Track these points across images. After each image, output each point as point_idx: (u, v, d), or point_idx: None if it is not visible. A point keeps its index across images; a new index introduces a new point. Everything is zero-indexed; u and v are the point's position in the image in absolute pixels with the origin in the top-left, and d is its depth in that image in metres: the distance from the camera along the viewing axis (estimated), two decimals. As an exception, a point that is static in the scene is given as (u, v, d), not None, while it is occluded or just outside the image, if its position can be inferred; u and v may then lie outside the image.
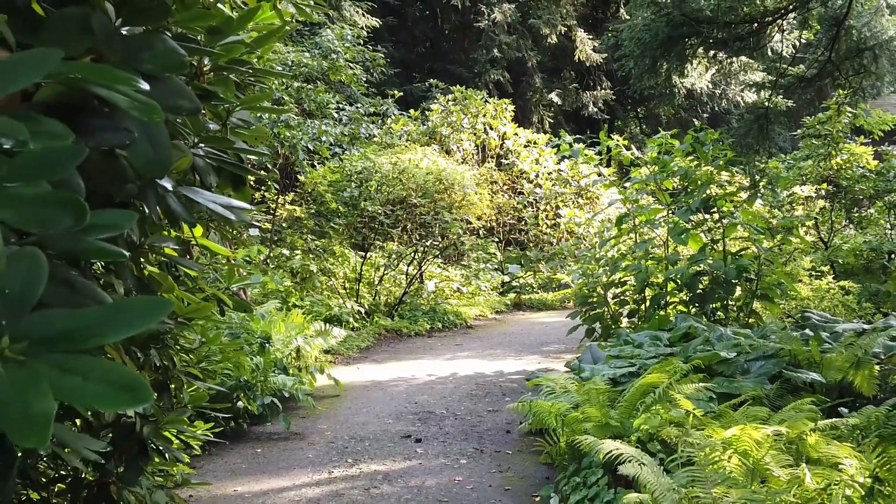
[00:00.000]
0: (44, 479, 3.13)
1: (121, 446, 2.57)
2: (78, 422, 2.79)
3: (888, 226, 12.07)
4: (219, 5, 1.76)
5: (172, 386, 2.80)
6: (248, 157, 2.07)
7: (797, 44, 9.01)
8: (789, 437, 4.38)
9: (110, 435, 2.74)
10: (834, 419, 4.38)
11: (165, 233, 2.22)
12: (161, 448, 3.11)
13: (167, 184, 1.34)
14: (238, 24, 1.57)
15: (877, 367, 5.58)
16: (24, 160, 0.74)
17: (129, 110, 0.95)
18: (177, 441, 4.22)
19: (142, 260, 1.88)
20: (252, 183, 9.85)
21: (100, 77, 0.93)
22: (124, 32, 1.07)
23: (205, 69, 1.63)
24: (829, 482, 3.48)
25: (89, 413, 2.41)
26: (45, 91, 0.93)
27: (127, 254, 1.27)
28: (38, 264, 0.78)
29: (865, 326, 6.67)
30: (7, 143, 0.73)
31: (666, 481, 3.55)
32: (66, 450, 2.05)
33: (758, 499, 3.46)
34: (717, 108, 20.52)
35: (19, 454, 1.92)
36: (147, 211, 1.46)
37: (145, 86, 0.94)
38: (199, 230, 2.44)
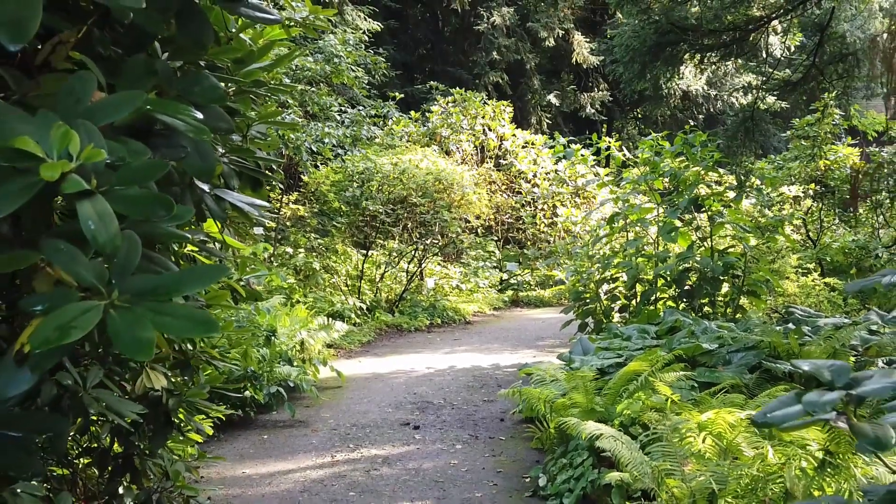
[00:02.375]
0: (72, 454, 3.47)
1: (149, 416, 2.91)
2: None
3: (877, 224, 12.37)
4: (241, 36, 2.10)
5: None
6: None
7: (783, 49, 9.33)
8: (764, 422, 4.71)
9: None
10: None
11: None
12: (181, 422, 3.46)
13: (204, 186, 1.68)
14: (258, 54, 1.92)
15: (852, 359, 5.86)
16: (126, 172, 1.08)
17: (185, 132, 1.29)
18: (191, 423, 4.56)
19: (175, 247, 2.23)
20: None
21: (165, 108, 1.27)
22: (178, 73, 1.42)
23: (230, 91, 1.97)
24: (788, 457, 3.82)
25: (125, 385, 2.74)
26: (124, 118, 1.27)
27: (189, 237, 1.61)
28: (134, 242, 1.12)
29: (846, 321, 6.97)
30: (113, 160, 1.07)
31: (639, 456, 3.89)
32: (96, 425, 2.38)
33: (723, 472, 3.80)
34: (712, 110, 20.88)
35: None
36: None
37: (199, 115, 1.27)
38: (214, 226, 2.78)
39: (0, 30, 0.99)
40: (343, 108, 12.77)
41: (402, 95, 17.03)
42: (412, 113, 16.65)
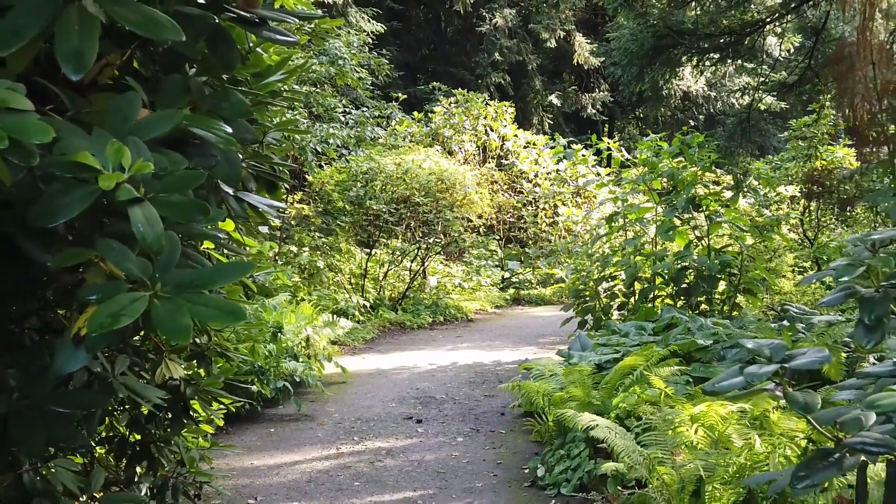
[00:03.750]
0: (92, 443, 3.65)
1: (167, 404, 3.09)
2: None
3: (875, 224, 12.51)
4: (258, 50, 2.28)
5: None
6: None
7: (780, 51, 9.48)
8: (754, 413, 4.89)
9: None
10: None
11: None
12: (196, 412, 3.64)
13: (228, 189, 1.86)
14: (275, 68, 2.10)
15: (844, 355, 6.00)
16: (169, 181, 1.26)
17: (216, 143, 1.47)
18: (205, 413, 4.76)
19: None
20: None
21: (199, 123, 1.45)
22: (207, 89, 1.60)
23: (249, 102, 2.15)
24: (774, 446, 3.99)
25: (144, 375, 2.93)
26: (164, 132, 1.45)
27: (222, 237, 1.80)
28: (174, 242, 1.29)
29: (840, 318, 7.12)
30: (158, 170, 1.25)
31: (632, 444, 4.07)
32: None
33: (712, 460, 3.98)
34: (712, 110, 21.05)
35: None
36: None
37: (228, 129, 1.45)
38: (230, 224, 2.96)
39: (65, 62, 1.17)
40: (347, 110, 12.95)
41: (405, 96, 17.22)
42: (415, 113, 16.83)
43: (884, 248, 1.63)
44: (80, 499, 2.31)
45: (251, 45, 2.27)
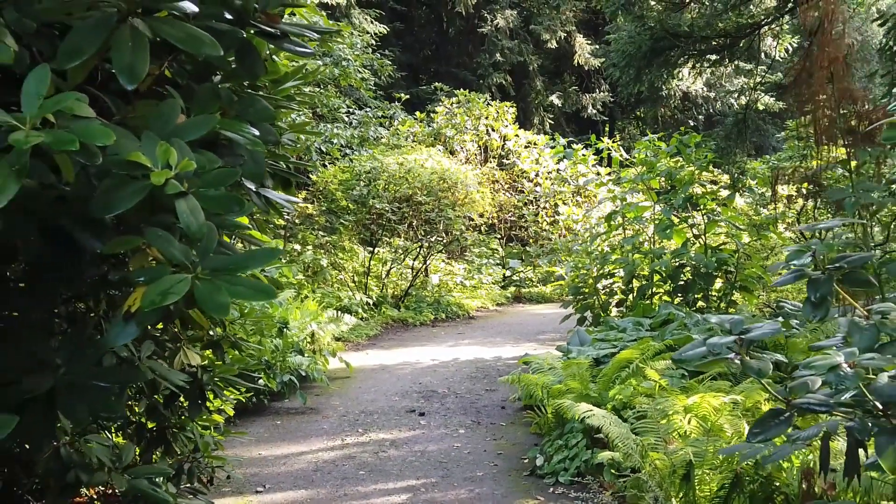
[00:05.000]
0: (112, 429, 3.84)
1: (185, 390, 3.28)
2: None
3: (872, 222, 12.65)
4: (273, 58, 2.47)
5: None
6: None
7: (775, 53, 9.66)
8: (745, 405, 5.07)
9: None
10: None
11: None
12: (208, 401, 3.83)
13: (251, 185, 2.05)
14: (291, 75, 2.29)
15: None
16: (209, 177, 1.44)
17: (244, 145, 1.66)
18: (217, 401, 4.95)
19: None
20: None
21: (230, 126, 1.64)
22: (235, 97, 1.80)
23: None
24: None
25: (162, 362, 3.12)
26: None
27: (250, 227, 1.99)
28: (212, 230, 1.48)
29: (833, 315, 7.28)
30: (198, 168, 1.44)
31: (626, 431, 4.25)
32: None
33: (703, 447, 4.17)
34: (711, 110, 21.24)
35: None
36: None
37: (255, 131, 1.64)
38: (245, 219, 3.15)
39: (121, 74, 1.35)
40: (351, 110, 13.14)
41: (408, 96, 17.41)
42: (417, 113, 17.03)
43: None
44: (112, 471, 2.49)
45: (269, 51, 2.47)
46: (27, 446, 2.09)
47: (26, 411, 1.70)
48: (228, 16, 1.76)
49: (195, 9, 1.52)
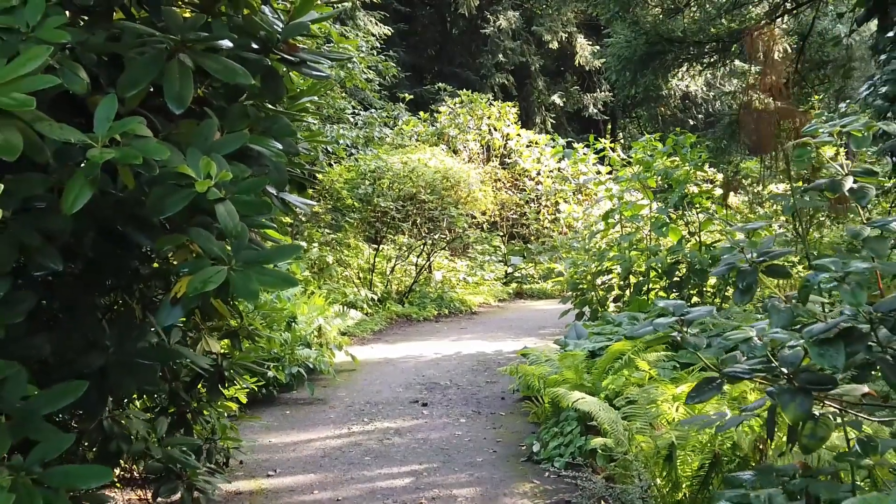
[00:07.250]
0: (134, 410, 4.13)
1: (207, 375, 3.59)
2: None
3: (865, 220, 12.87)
4: (290, 75, 2.76)
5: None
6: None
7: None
8: (732, 394, 5.34)
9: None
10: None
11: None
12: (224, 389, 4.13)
13: (273, 190, 2.34)
14: (306, 92, 2.58)
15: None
16: (243, 185, 1.74)
17: (270, 157, 1.95)
18: (232, 389, 5.26)
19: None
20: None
21: (258, 142, 1.94)
22: (261, 114, 2.09)
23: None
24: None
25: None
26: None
27: (274, 226, 2.29)
28: (244, 230, 1.77)
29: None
30: (233, 178, 1.73)
31: (616, 417, 4.54)
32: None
33: (686, 431, 4.45)
34: (710, 110, 21.46)
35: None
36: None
37: (279, 145, 1.93)
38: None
39: (171, 102, 1.65)
40: (356, 111, 13.43)
41: (412, 97, 17.71)
42: (421, 113, 17.32)
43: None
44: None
45: (286, 69, 2.76)
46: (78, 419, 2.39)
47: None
48: (254, 45, 2.05)
49: (230, 45, 1.82)
